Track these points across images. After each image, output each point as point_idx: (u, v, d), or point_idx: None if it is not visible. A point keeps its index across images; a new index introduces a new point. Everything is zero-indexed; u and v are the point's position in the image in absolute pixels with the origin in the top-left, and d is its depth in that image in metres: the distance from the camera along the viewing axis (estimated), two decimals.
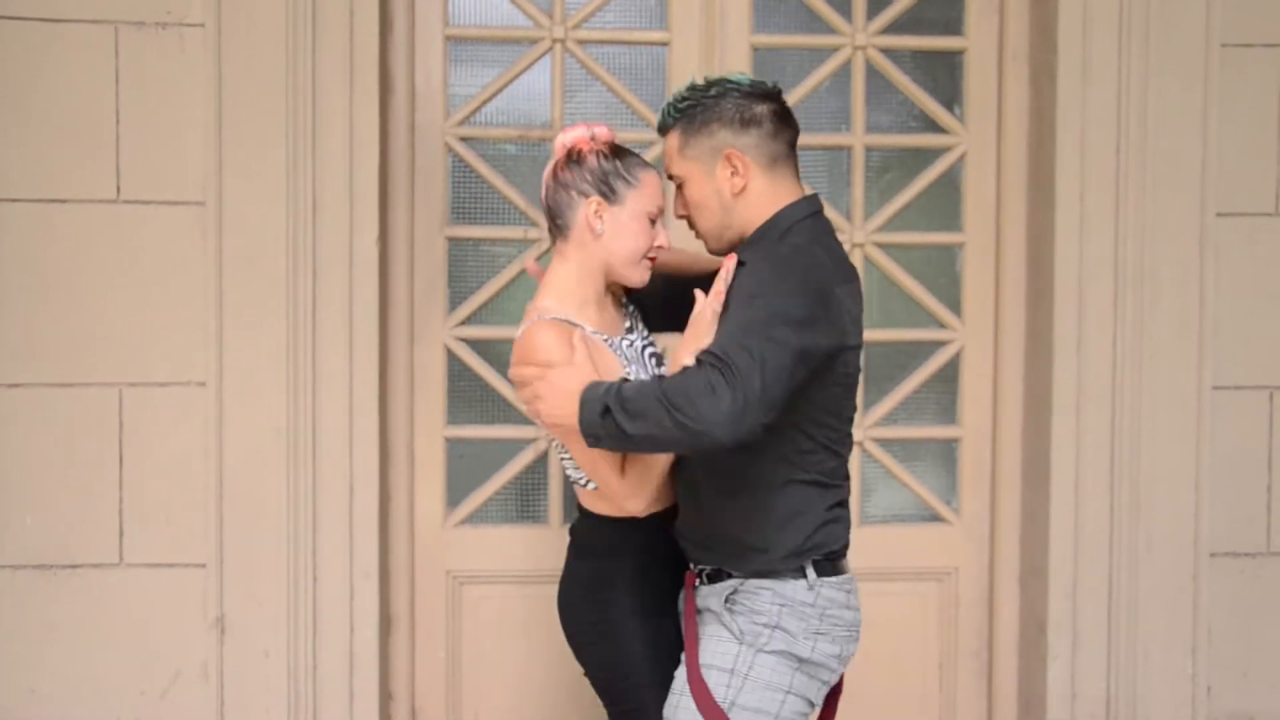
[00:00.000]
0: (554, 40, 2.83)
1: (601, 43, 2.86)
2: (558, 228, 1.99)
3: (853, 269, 1.93)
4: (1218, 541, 2.78)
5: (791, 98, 2.84)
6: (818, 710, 1.95)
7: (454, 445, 2.87)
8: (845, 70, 2.89)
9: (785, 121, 1.92)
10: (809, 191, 1.97)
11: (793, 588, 1.84)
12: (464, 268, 2.86)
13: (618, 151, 1.96)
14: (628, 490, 1.87)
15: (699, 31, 2.84)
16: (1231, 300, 2.76)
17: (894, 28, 2.89)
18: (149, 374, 2.59)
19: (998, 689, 2.95)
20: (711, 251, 1.99)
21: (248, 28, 2.55)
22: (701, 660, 1.86)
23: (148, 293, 2.59)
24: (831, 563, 1.88)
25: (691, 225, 1.99)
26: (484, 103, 2.84)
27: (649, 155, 2.80)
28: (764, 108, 1.90)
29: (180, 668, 2.63)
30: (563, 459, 2.01)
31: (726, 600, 1.87)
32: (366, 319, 2.63)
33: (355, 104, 2.60)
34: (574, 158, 1.96)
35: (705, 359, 1.64)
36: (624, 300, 2.14)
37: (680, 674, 1.89)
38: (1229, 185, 2.74)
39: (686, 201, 1.94)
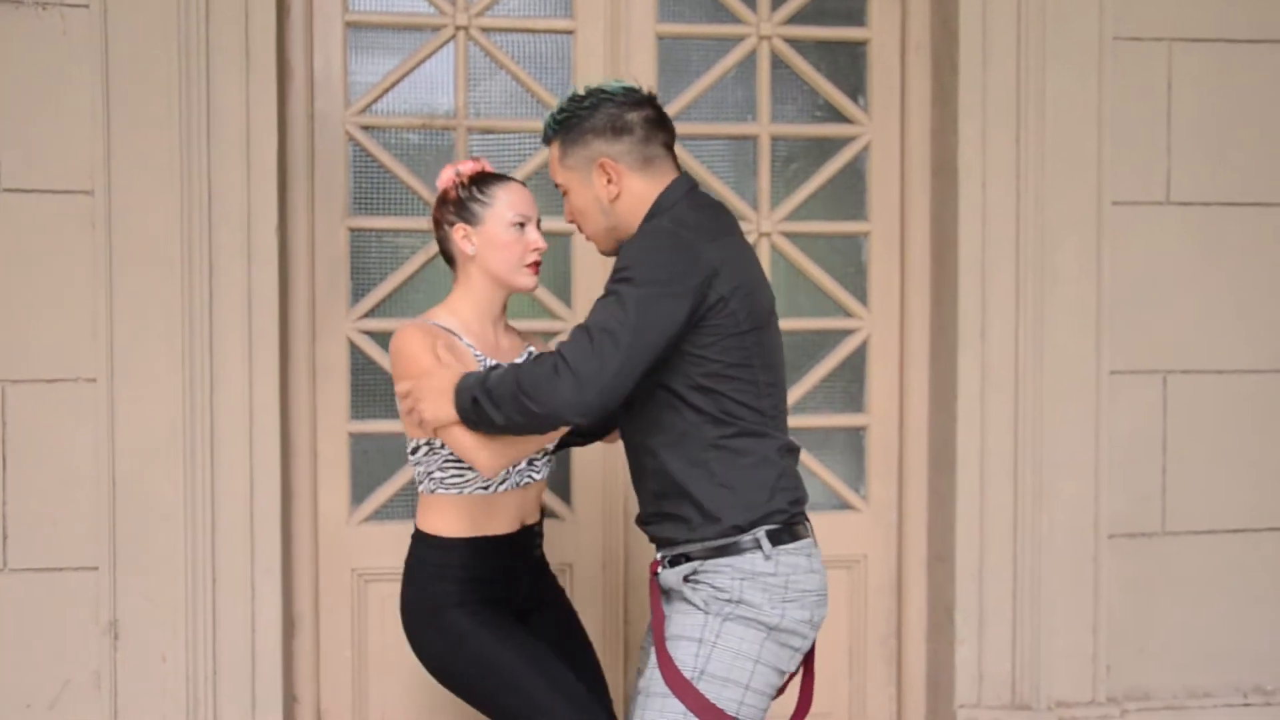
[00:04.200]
0: (457, 27, 2.79)
1: (506, 30, 2.83)
2: (448, 260, 2.14)
3: (731, 221, 1.94)
4: (1116, 523, 2.85)
5: (696, 88, 2.87)
6: (789, 676, 1.94)
7: (358, 440, 2.80)
8: (750, 60, 2.90)
9: (659, 125, 1.96)
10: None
11: (750, 561, 1.84)
12: (366, 259, 2.80)
13: (477, 179, 2.09)
14: (477, 443, 1.85)
15: (604, 20, 2.82)
16: (1126, 287, 2.83)
17: (798, 18, 2.91)
18: (34, 370, 2.49)
19: (907, 673, 2.99)
20: (603, 252, 2.03)
21: (135, 9, 2.46)
22: (669, 633, 1.86)
23: (32, 285, 2.48)
24: (789, 529, 1.88)
25: (581, 230, 2.03)
26: (385, 91, 2.78)
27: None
28: (636, 115, 1.93)
29: (70, 676, 2.52)
30: (415, 464, 2.07)
31: (686, 579, 1.88)
32: (266, 311, 2.56)
33: (251, 88, 2.53)
34: (441, 198, 2.11)
35: (559, 344, 1.76)
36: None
37: (649, 668, 1.88)
38: (1123, 175, 2.81)
39: (571, 207, 2.00)
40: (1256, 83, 2.85)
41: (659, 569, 1.95)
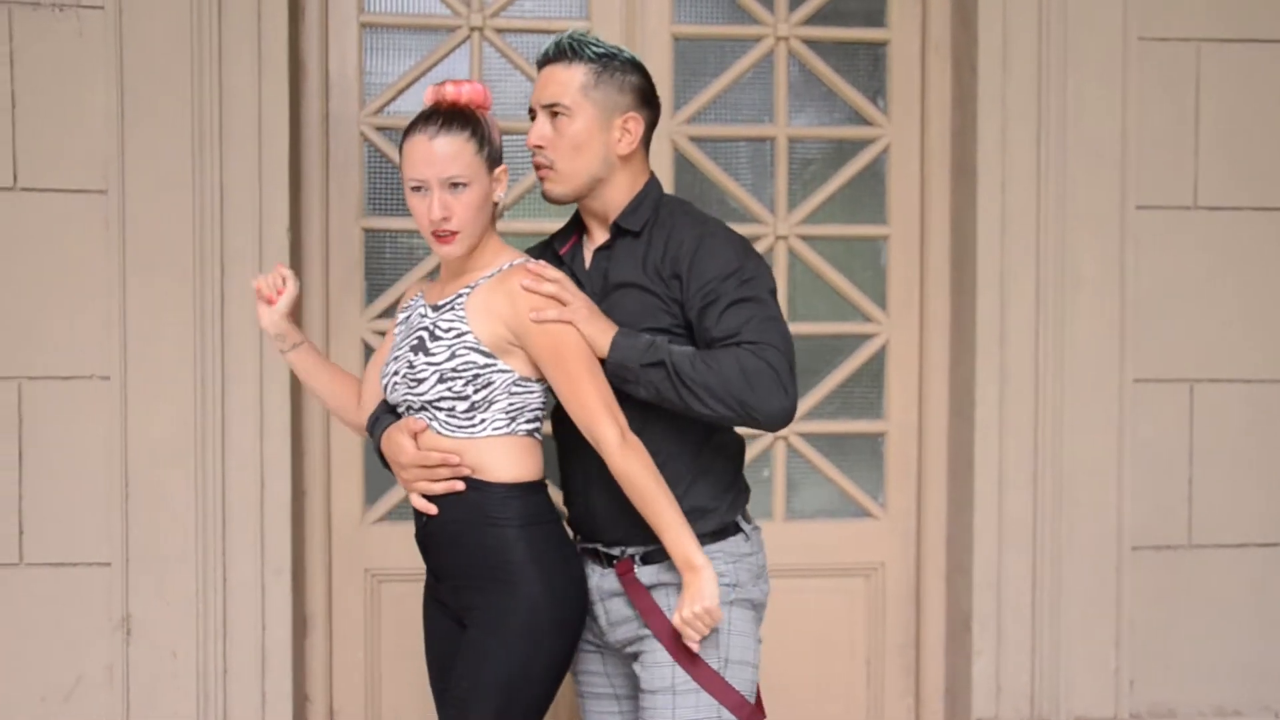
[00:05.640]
0: (472, 28, 2.78)
1: (521, 31, 2.82)
2: None
3: None
4: (1139, 535, 2.77)
5: (713, 89, 2.85)
6: None
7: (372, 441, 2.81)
8: (768, 61, 2.87)
9: (658, 116, 2.03)
10: None
11: (735, 544, 1.92)
12: (380, 260, 2.81)
13: (415, 119, 1.88)
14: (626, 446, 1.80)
15: (620, 20, 2.81)
16: (1151, 293, 2.76)
17: (816, 18, 2.87)
18: (50, 367, 2.52)
19: (925, 684, 2.94)
20: (556, 195, 1.93)
21: (149, 10, 2.49)
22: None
23: (48, 283, 2.51)
24: (746, 510, 2.00)
25: (542, 157, 1.92)
26: (400, 92, 2.79)
27: None
28: (656, 98, 2.00)
29: (83, 671, 2.55)
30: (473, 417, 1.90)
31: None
32: None
33: (264, 89, 2.54)
34: None
35: (766, 354, 1.77)
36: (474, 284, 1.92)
37: (660, 666, 1.86)
38: (1149, 178, 2.74)
39: (563, 133, 1.89)
40: None
41: (633, 568, 1.91)
